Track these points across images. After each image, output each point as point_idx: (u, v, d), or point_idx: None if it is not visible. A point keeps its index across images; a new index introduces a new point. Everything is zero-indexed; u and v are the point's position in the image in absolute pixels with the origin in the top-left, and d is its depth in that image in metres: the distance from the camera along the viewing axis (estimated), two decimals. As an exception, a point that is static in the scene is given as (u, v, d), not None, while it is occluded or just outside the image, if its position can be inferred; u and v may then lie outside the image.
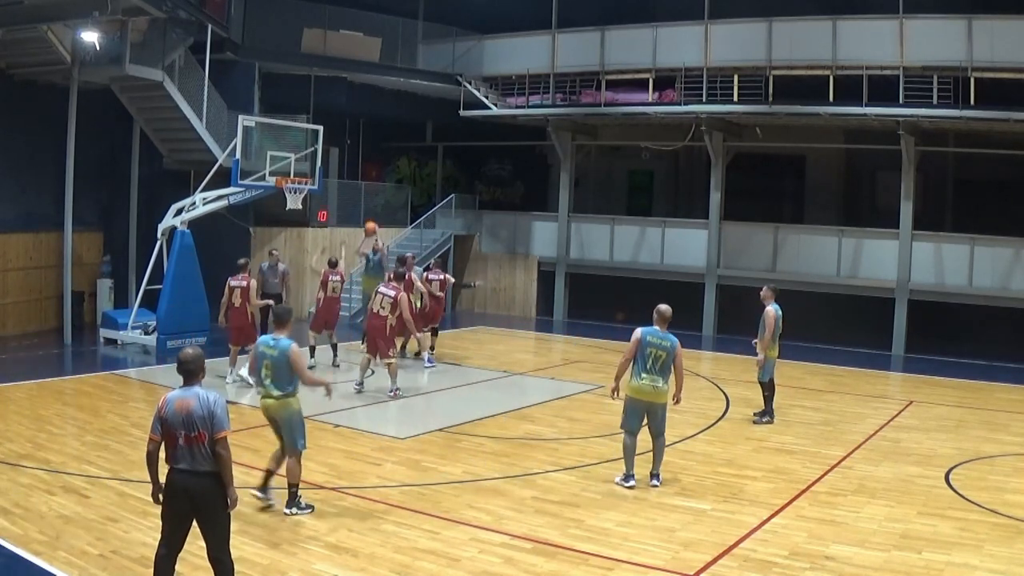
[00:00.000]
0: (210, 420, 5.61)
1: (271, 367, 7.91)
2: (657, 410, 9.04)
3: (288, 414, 7.97)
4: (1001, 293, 17.97)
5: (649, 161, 23.98)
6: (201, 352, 5.92)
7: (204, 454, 5.61)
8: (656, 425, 9.07)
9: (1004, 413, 13.23)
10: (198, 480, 5.62)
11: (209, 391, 5.74)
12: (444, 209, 24.11)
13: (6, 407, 11.37)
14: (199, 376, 5.85)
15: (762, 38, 19.26)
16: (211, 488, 5.65)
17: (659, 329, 9.02)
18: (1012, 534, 7.88)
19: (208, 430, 5.60)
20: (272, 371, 7.91)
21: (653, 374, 8.89)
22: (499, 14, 22.39)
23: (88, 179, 17.50)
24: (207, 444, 5.61)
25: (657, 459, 9.14)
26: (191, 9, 16.96)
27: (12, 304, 17.11)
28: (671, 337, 8.99)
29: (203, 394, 5.71)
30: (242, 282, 13.48)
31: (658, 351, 8.88)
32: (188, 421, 5.61)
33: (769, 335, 11.63)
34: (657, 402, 9.00)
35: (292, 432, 7.95)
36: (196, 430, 5.60)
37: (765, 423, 11.87)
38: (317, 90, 21.32)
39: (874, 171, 22.15)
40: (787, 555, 7.26)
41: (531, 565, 6.95)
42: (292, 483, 7.92)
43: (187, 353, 5.88)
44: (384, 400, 12.75)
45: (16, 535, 7.08)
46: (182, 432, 5.60)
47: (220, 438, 5.61)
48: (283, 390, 7.92)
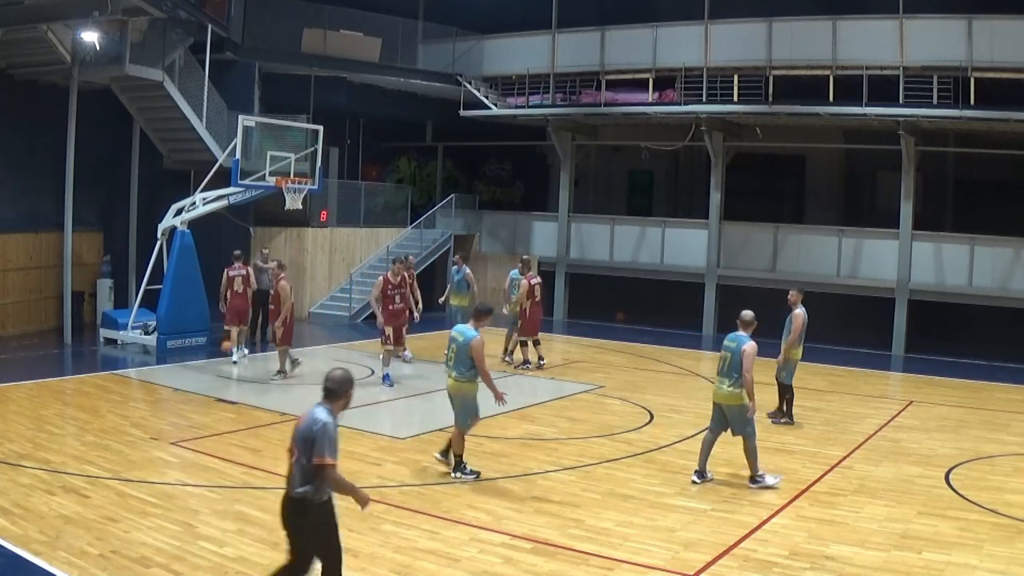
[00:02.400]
0: (310, 444, 5.26)
1: (455, 351, 9.02)
2: (727, 411, 9.10)
3: (461, 395, 9.09)
4: (1001, 293, 17.97)
5: (649, 161, 23.97)
6: (347, 377, 5.52)
7: (296, 476, 5.29)
8: (732, 428, 9.14)
9: (1004, 413, 13.23)
10: (286, 502, 5.39)
11: (321, 414, 5.33)
12: (444, 209, 24.12)
13: (6, 407, 11.37)
14: (334, 400, 5.42)
15: (762, 38, 19.26)
16: (293, 512, 5.36)
17: (736, 332, 9.14)
18: (1012, 534, 7.88)
19: (305, 453, 5.26)
20: (455, 355, 9.03)
21: (721, 375, 9.12)
22: (499, 14, 22.40)
23: (88, 179, 17.48)
24: (302, 466, 5.26)
25: (748, 460, 9.10)
26: (191, 9, 16.96)
27: (12, 304, 17.11)
28: (741, 338, 9.03)
29: (316, 415, 5.34)
30: (241, 271, 15.28)
31: (725, 352, 9.09)
32: (294, 436, 5.37)
33: (795, 337, 11.66)
34: (724, 403, 9.10)
35: (461, 411, 9.10)
36: (296, 447, 5.33)
37: (783, 423, 11.86)
38: (317, 90, 21.32)
39: (874, 171, 22.14)
40: (787, 555, 7.26)
41: (531, 565, 6.95)
42: (456, 453, 9.11)
43: (333, 373, 5.51)
44: (384, 400, 12.76)
45: (16, 535, 7.08)
46: (290, 446, 5.40)
47: (317, 464, 5.24)
48: (460, 373, 8.99)
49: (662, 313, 21.66)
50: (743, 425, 9.05)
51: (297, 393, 13.35)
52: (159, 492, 8.31)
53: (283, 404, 12.13)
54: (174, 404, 12.38)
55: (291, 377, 13.86)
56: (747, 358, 8.89)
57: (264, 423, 11.16)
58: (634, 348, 18.65)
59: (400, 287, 13.92)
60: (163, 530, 7.31)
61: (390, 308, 13.80)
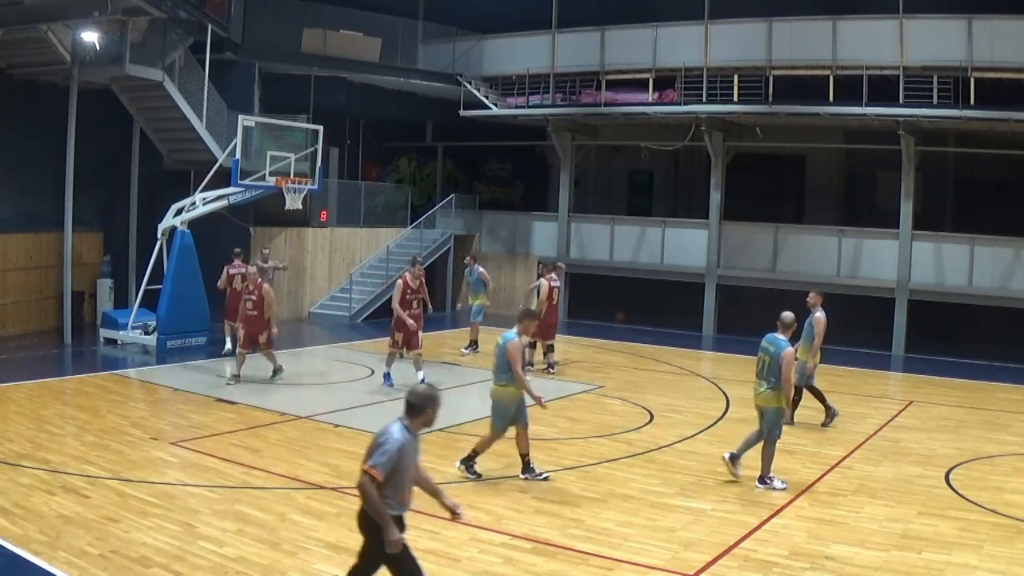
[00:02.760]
0: (370, 451, 5.18)
1: (496, 355, 8.89)
2: (762, 412, 9.12)
3: (498, 398, 8.99)
4: (1001, 293, 17.96)
5: (649, 161, 23.97)
6: (432, 394, 5.35)
7: None
8: (761, 428, 9.16)
9: (1004, 413, 13.23)
10: (360, 513, 5.28)
11: (394, 429, 5.21)
12: (444, 209, 24.12)
13: (6, 407, 11.37)
14: (414, 416, 5.27)
15: (762, 38, 19.26)
16: (364, 523, 5.27)
17: (775, 334, 9.12)
18: (1012, 534, 7.88)
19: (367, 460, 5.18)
20: (496, 359, 8.90)
21: (759, 378, 9.12)
22: (499, 14, 22.39)
23: (88, 179, 17.48)
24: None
25: (763, 461, 9.12)
26: (191, 9, 16.95)
27: (12, 304, 17.11)
28: (780, 343, 9.01)
29: (389, 429, 5.23)
30: (240, 269, 15.33)
31: (763, 355, 9.09)
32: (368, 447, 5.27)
33: (819, 341, 11.58)
34: (760, 405, 9.12)
35: (495, 414, 9.05)
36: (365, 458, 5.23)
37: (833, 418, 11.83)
38: (317, 90, 21.32)
39: (874, 171, 22.13)
40: (787, 555, 7.26)
41: (531, 565, 6.95)
42: (476, 450, 9.07)
43: (417, 388, 5.43)
44: (383, 400, 12.76)
45: (16, 535, 7.08)
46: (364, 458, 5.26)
47: (363, 469, 5.13)
48: (498, 378, 8.91)
49: (662, 313, 21.66)
50: (772, 428, 9.07)
51: (298, 393, 13.37)
52: (159, 492, 8.31)
53: (283, 404, 12.14)
54: (174, 404, 12.38)
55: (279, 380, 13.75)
56: (786, 364, 8.87)
57: (264, 423, 11.16)
58: (634, 348, 18.65)
59: (418, 292, 13.80)
60: (163, 530, 7.31)
61: (407, 312, 13.56)
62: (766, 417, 9.09)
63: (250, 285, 13.64)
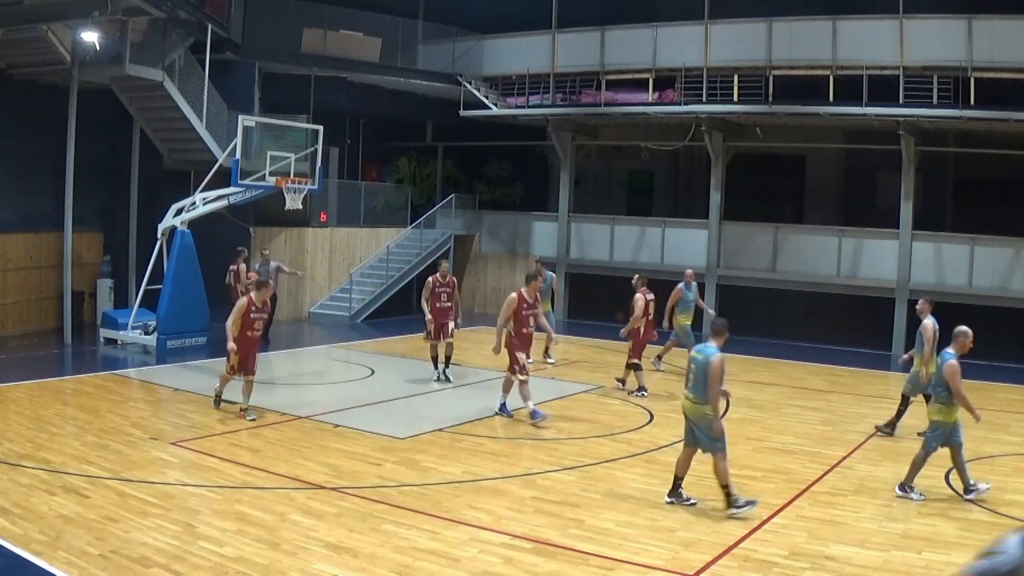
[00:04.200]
0: None
1: (694, 371, 8.33)
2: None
3: (700, 417, 8.31)
4: (1001, 293, 17.96)
5: (649, 161, 23.98)
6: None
7: None
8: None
9: (1004, 413, 13.22)
10: None
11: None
12: (444, 209, 24.12)
13: (6, 407, 11.37)
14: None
15: (762, 38, 19.27)
16: None
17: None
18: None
19: None
20: (694, 375, 8.33)
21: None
22: (499, 14, 22.40)
23: (88, 179, 17.49)
24: None
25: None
26: (191, 9, 16.96)
27: (12, 304, 17.11)
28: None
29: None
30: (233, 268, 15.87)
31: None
32: None
33: (930, 349, 11.22)
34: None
35: (704, 435, 8.29)
36: None
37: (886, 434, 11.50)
38: (317, 90, 21.33)
39: (874, 171, 22.14)
40: (787, 555, 7.25)
41: (531, 565, 6.95)
42: (722, 483, 8.19)
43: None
44: (383, 400, 12.76)
45: (16, 535, 7.07)
46: None
47: None
48: (697, 395, 8.28)
49: (662, 313, 21.60)
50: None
51: (298, 393, 13.36)
52: (159, 492, 8.30)
53: (283, 404, 12.13)
54: (174, 404, 12.38)
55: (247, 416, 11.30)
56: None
57: (264, 423, 11.15)
58: (634, 348, 18.58)
59: (447, 286, 14.18)
60: (163, 530, 7.30)
61: (437, 306, 14.02)
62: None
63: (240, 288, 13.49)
